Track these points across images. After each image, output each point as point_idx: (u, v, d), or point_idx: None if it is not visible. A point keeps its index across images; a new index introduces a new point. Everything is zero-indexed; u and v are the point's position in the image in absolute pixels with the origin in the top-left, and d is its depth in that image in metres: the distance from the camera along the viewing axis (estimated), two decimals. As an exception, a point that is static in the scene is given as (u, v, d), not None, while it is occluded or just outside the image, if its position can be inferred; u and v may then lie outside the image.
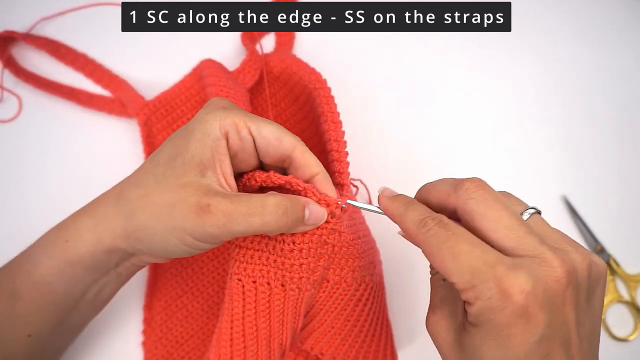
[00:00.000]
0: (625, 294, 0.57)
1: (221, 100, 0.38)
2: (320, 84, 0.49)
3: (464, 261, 0.29)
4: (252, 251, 0.37)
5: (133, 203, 0.35)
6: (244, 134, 0.36)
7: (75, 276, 0.39)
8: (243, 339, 0.39)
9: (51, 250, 0.38)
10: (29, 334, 0.40)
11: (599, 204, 0.59)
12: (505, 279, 0.28)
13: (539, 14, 0.65)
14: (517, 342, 0.28)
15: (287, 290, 0.37)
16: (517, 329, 0.28)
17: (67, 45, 0.60)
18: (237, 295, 0.38)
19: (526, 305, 0.28)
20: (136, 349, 0.53)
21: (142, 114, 0.56)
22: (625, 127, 0.62)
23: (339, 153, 0.41)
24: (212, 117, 0.35)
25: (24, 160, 0.58)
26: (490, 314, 0.28)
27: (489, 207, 0.31)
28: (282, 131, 0.37)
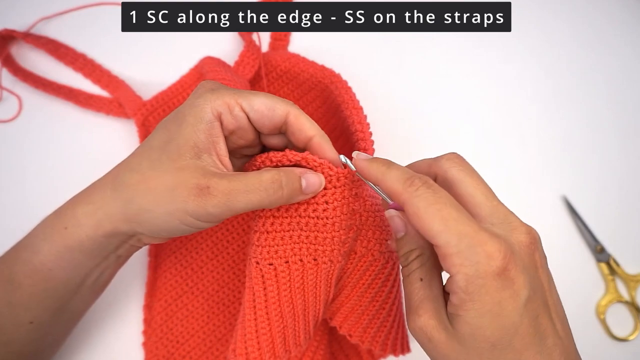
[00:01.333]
0: (625, 294, 0.57)
1: (209, 83, 0.38)
2: (336, 78, 0.52)
3: (453, 226, 0.30)
4: (282, 233, 0.39)
5: (131, 188, 0.36)
6: (237, 112, 0.36)
7: (75, 262, 0.39)
8: (281, 318, 0.40)
9: (50, 237, 0.38)
10: (31, 321, 0.40)
11: (599, 204, 0.59)
12: (491, 244, 0.30)
13: (539, 14, 0.65)
14: (509, 306, 0.30)
15: (320, 264, 0.39)
16: (506, 293, 0.30)
17: (67, 45, 0.60)
18: (269, 280, 0.39)
19: (509, 268, 0.30)
20: (136, 349, 0.53)
21: (139, 114, 0.56)
22: (626, 127, 0.62)
23: (364, 133, 0.43)
24: (203, 101, 0.36)
25: (24, 160, 0.58)
26: (479, 279, 0.30)
27: (468, 175, 0.33)
28: (273, 100, 0.37)
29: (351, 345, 0.52)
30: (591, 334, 0.56)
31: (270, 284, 0.39)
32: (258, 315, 0.41)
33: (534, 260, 0.32)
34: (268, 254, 0.39)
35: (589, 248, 0.58)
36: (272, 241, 0.39)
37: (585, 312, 0.57)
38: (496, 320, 0.30)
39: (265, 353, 0.41)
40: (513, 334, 0.30)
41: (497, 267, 0.29)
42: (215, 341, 0.54)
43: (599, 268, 0.58)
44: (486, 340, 0.30)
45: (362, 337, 0.44)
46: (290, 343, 0.42)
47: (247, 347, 0.42)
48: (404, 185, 0.32)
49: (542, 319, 0.31)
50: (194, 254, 0.55)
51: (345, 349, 0.53)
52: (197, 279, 0.55)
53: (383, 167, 0.34)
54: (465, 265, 0.30)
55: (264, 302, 0.40)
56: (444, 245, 0.30)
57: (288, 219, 0.39)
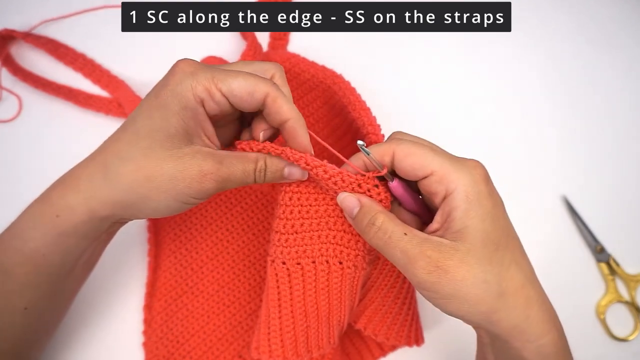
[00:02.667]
0: (625, 294, 0.57)
1: (186, 64, 0.37)
2: (338, 79, 0.52)
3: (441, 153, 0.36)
4: (311, 233, 0.40)
5: (127, 177, 0.37)
6: (218, 98, 0.36)
7: (70, 245, 0.40)
8: (305, 318, 0.41)
9: (42, 225, 0.39)
10: (25, 307, 0.41)
11: (599, 204, 0.59)
12: (470, 161, 0.35)
13: (539, 14, 0.65)
14: (500, 210, 0.35)
15: (345, 267, 0.40)
16: (494, 199, 0.35)
17: (66, 44, 0.60)
18: (295, 280, 0.40)
19: (488, 179, 0.35)
20: (137, 350, 0.53)
21: None
22: (626, 127, 0.62)
23: (377, 136, 0.44)
24: (184, 88, 0.36)
25: (24, 160, 0.58)
26: (476, 186, 0.34)
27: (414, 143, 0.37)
28: (253, 82, 0.36)
29: (362, 340, 0.53)
30: (591, 334, 0.56)
31: (296, 283, 0.40)
32: (283, 314, 0.41)
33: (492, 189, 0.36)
34: (296, 253, 0.40)
35: (589, 248, 0.58)
36: (302, 241, 0.40)
37: (585, 312, 0.57)
38: (496, 222, 0.34)
39: (288, 351, 0.42)
40: (507, 235, 0.35)
41: (483, 175, 0.35)
42: (215, 341, 0.54)
43: (599, 268, 0.58)
44: (492, 242, 0.34)
45: (387, 334, 0.45)
46: (312, 344, 0.43)
47: (270, 344, 0.42)
48: (392, 142, 0.36)
49: (512, 231, 0.36)
50: (194, 254, 0.55)
51: (354, 341, 0.53)
52: (197, 279, 0.55)
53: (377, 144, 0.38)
54: (462, 178, 0.34)
55: (290, 301, 0.41)
56: (439, 167, 0.34)
57: (317, 219, 0.40)
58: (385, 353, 0.53)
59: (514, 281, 0.34)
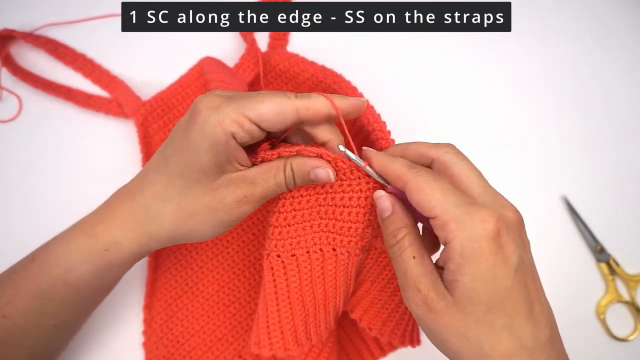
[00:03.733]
0: (625, 294, 0.57)
1: (210, 99, 0.36)
2: (338, 78, 0.52)
3: (450, 197, 0.33)
4: (304, 224, 0.40)
5: (170, 218, 0.39)
6: (248, 126, 0.36)
7: (112, 273, 0.42)
8: (303, 307, 0.42)
9: (89, 258, 0.41)
10: (55, 324, 0.42)
11: (599, 204, 0.59)
12: (485, 211, 0.32)
13: (539, 14, 0.65)
14: (502, 271, 0.32)
15: (338, 254, 0.40)
16: (499, 258, 0.32)
17: (66, 44, 0.60)
18: (291, 272, 0.41)
19: (501, 234, 0.32)
20: (137, 350, 0.53)
21: (138, 114, 0.56)
22: (626, 127, 0.62)
23: (383, 132, 0.44)
24: (211, 126, 0.35)
25: (24, 160, 0.58)
26: (474, 242, 0.32)
27: (462, 160, 0.36)
28: (280, 102, 0.36)
29: (362, 341, 0.53)
30: (591, 334, 0.56)
31: (292, 274, 0.41)
32: (281, 306, 0.42)
33: (521, 235, 0.34)
34: (290, 245, 0.40)
35: (589, 248, 0.58)
36: (295, 232, 0.40)
37: (585, 312, 0.57)
38: (491, 283, 0.32)
39: (288, 341, 0.43)
40: (505, 298, 0.32)
41: (491, 230, 0.32)
42: (215, 341, 0.54)
43: (599, 268, 0.58)
44: (482, 303, 0.32)
45: (381, 330, 0.45)
46: (311, 331, 0.44)
47: (270, 337, 0.43)
48: (408, 169, 0.35)
49: (531, 288, 0.33)
50: (193, 254, 0.55)
51: (354, 341, 0.53)
52: (197, 279, 0.55)
53: (389, 158, 0.37)
54: (461, 230, 0.32)
55: (287, 293, 0.41)
56: (442, 213, 0.33)
57: (309, 210, 0.40)
58: (386, 353, 0.53)
59: (501, 347, 0.32)
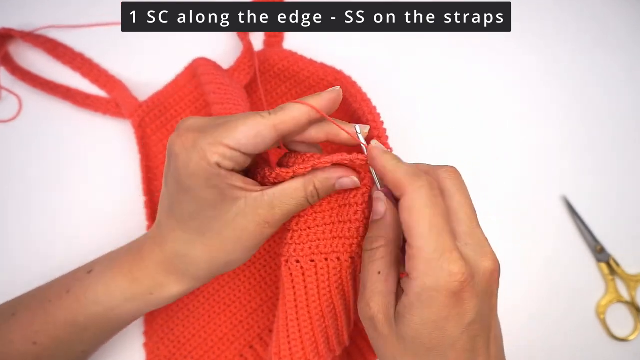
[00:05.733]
0: (625, 294, 0.57)
1: (183, 139, 0.35)
2: (339, 74, 0.52)
3: (435, 234, 0.32)
4: (323, 227, 0.40)
5: (203, 261, 0.39)
6: (229, 154, 0.35)
7: (149, 310, 0.43)
8: (323, 317, 0.41)
9: (133, 299, 0.42)
10: (84, 350, 0.44)
11: (599, 204, 0.59)
12: (457, 265, 0.31)
13: (539, 14, 0.65)
14: (453, 323, 0.32)
15: (356, 259, 0.40)
16: (454, 311, 0.31)
17: (65, 44, 0.60)
18: (309, 277, 0.40)
19: (464, 291, 0.31)
20: (138, 350, 0.53)
21: (135, 115, 0.56)
22: (626, 127, 0.62)
23: (376, 122, 0.44)
24: (196, 164, 0.35)
25: (24, 160, 0.58)
26: (434, 291, 0.31)
27: (459, 191, 0.35)
28: (254, 124, 0.35)
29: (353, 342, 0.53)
30: (591, 334, 0.56)
31: (310, 281, 0.40)
32: (300, 315, 0.41)
33: (491, 288, 0.34)
34: (310, 249, 0.40)
35: (589, 248, 0.58)
36: (314, 236, 0.39)
37: (585, 312, 0.57)
38: (437, 332, 0.32)
39: (309, 353, 0.42)
40: (449, 346, 0.32)
41: (454, 286, 0.31)
42: (216, 341, 0.54)
43: (599, 268, 0.58)
44: (424, 345, 0.32)
45: None
46: (334, 342, 0.43)
47: (291, 348, 0.42)
48: (410, 177, 0.33)
49: (479, 340, 0.33)
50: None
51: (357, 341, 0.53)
52: (197, 279, 0.55)
53: (395, 160, 0.35)
54: (427, 274, 0.31)
55: (305, 301, 0.40)
56: (419, 248, 0.32)
57: (329, 212, 0.40)
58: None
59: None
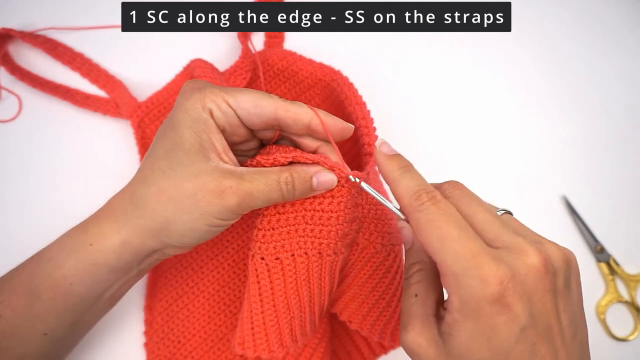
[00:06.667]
0: (625, 294, 0.57)
1: (194, 82, 0.38)
2: (336, 75, 0.52)
3: (450, 245, 0.30)
4: (288, 227, 0.39)
5: (151, 201, 0.36)
6: (225, 108, 0.37)
7: (98, 277, 0.39)
8: (288, 309, 0.41)
9: (75, 253, 0.39)
10: (45, 332, 0.40)
11: (599, 204, 0.59)
12: (487, 268, 0.29)
13: (539, 14, 0.66)
14: (503, 332, 0.29)
15: (324, 256, 0.40)
16: (500, 319, 0.29)
17: (64, 44, 0.60)
18: (275, 274, 0.40)
19: (505, 295, 0.29)
20: (138, 350, 0.53)
21: (135, 115, 0.56)
22: (626, 127, 0.62)
23: (367, 128, 0.44)
24: (193, 102, 0.36)
25: (24, 160, 0.58)
26: (473, 302, 0.29)
27: (465, 204, 0.33)
28: (260, 96, 0.37)
29: (353, 343, 0.53)
30: (591, 334, 0.55)
31: (276, 277, 0.40)
32: (265, 309, 0.42)
33: (540, 285, 0.30)
34: (274, 249, 0.40)
35: (589, 248, 0.58)
36: (279, 236, 0.40)
37: (586, 312, 0.56)
38: (488, 343, 0.30)
39: (273, 343, 0.43)
40: (504, 357, 0.30)
41: (492, 292, 0.29)
42: (216, 341, 0.54)
43: (599, 268, 0.58)
44: (476, 359, 0.30)
45: (362, 325, 0.46)
46: (297, 333, 0.43)
47: (255, 339, 0.43)
48: (410, 199, 0.32)
49: (541, 346, 0.30)
50: (193, 254, 0.55)
51: (346, 346, 0.53)
52: (197, 279, 0.55)
53: (396, 173, 0.34)
54: (459, 287, 0.30)
55: (271, 296, 0.41)
56: (440, 264, 0.31)
57: (294, 213, 0.39)
58: (377, 355, 0.53)
59: None
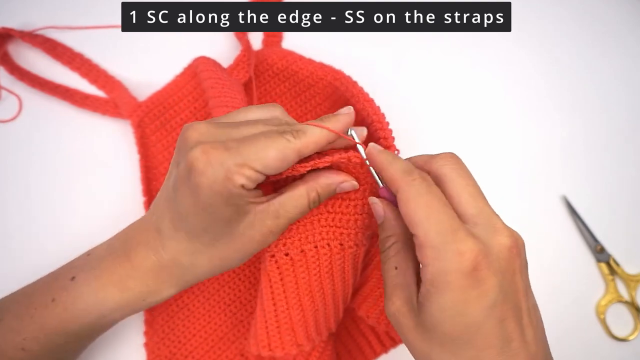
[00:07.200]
0: (625, 294, 0.57)
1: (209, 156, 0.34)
2: (339, 74, 0.52)
3: (434, 218, 0.31)
4: (312, 218, 0.40)
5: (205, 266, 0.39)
6: (255, 177, 0.34)
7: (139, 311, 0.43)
8: (312, 303, 0.42)
9: (126, 307, 0.41)
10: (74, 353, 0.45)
11: (599, 204, 0.59)
12: (464, 243, 0.30)
13: (539, 14, 0.65)
14: (474, 306, 0.30)
15: (346, 248, 0.40)
16: (472, 293, 0.30)
17: (64, 44, 0.60)
18: (300, 267, 0.41)
19: (479, 269, 0.30)
20: (139, 351, 0.53)
21: (134, 115, 0.56)
22: (626, 127, 0.62)
23: (381, 123, 0.44)
24: (220, 183, 0.34)
25: (25, 160, 0.58)
26: (447, 275, 0.30)
27: (459, 175, 0.34)
28: (283, 149, 0.35)
29: (355, 344, 0.53)
30: (591, 334, 0.56)
31: (301, 271, 0.41)
32: (290, 305, 0.42)
33: (512, 264, 0.32)
34: (299, 241, 0.40)
35: (589, 248, 0.58)
36: (304, 228, 0.40)
37: (585, 312, 0.57)
38: (458, 317, 0.31)
39: (301, 338, 0.43)
40: (474, 332, 0.31)
41: (466, 266, 0.30)
42: (217, 340, 0.54)
43: (599, 268, 0.58)
44: (446, 333, 0.31)
45: (378, 319, 0.46)
46: (322, 326, 0.44)
47: (282, 337, 0.43)
48: (402, 175, 0.34)
49: (510, 323, 0.31)
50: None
51: (347, 344, 0.53)
52: (197, 279, 0.55)
53: (390, 157, 0.36)
54: (435, 259, 0.31)
55: (296, 290, 0.41)
56: (422, 235, 0.31)
57: None
58: (387, 349, 0.53)
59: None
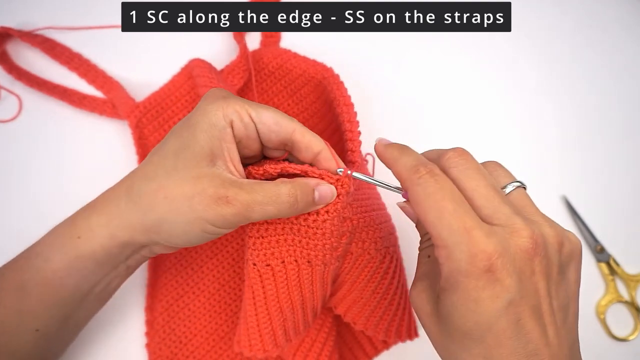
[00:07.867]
0: (625, 294, 0.57)
1: (219, 91, 0.38)
2: (328, 73, 0.52)
3: (446, 219, 0.30)
4: (277, 237, 0.40)
5: (148, 197, 0.36)
6: (247, 121, 0.37)
7: (85, 271, 0.39)
8: (281, 312, 0.42)
9: (62, 247, 0.39)
10: (37, 329, 0.40)
11: (599, 204, 0.59)
12: (478, 244, 0.29)
13: (539, 14, 0.66)
14: (485, 306, 0.30)
15: (314, 265, 0.40)
16: (485, 293, 0.30)
17: (63, 44, 0.60)
18: (267, 280, 0.40)
19: (493, 270, 0.29)
20: (140, 351, 0.53)
21: (132, 116, 0.56)
22: (626, 127, 0.62)
23: (352, 133, 0.43)
24: (215, 107, 0.36)
25: (25, 160, 0.58)
26: (459, 276, 0.30)
27: (468, 177, 0.33)
28: (281, 116, 0.38)
29: (356, 340, 0.53)
30: (591, 334, 0.56)
31: (268, 282, 0.41)
32: (259, 311, 0.42)
33: (530, 265, 0.31)
34: (265, 256, 0.40)
35: (589, 248, 0.58)
36: (268, 244, 0.40)
37: (585, 312, 0.57)
38: (469, 315, 0.30)
39: (267, 343, 0.44)
40: (485, 330, 0.30)
41: (479, 267, 0.29)
42: (218, 340, 0.54)
43: (599, 268, 0.58)
44: (457, 329, 0.31)
45: (366, 325, 0.46)
46: (290, 333, 0.44)
47: (250, 339, 0.44)
48: (409, 173, 0.33)
49: (527, 323, 0.30)
50: (193, 254, 0.55)
51: (348, 343, 0.53)
52: (197, 279, 0.55)
53: (396, 153, 0.35)
54: (450, 259, 0.30)
55: (264, 299, 0.42)
56: (435, 235, 0.31)
57: (281, 224, 0.40)
58: (379, 351, 0.53)
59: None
